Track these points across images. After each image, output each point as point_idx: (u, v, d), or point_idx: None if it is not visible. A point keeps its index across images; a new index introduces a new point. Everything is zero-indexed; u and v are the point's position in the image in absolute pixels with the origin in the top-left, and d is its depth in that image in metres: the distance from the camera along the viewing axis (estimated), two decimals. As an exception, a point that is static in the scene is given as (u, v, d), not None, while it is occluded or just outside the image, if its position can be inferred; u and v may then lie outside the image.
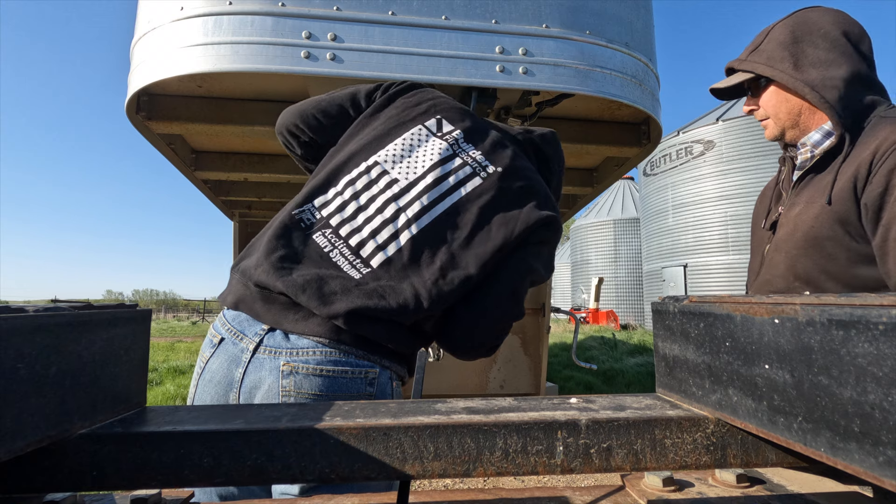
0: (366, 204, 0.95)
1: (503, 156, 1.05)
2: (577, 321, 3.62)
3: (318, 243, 0.91)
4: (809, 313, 0.32)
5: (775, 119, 1.22)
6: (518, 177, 1.03)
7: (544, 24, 1.81)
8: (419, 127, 1.06)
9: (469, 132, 1.07)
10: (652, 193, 15.12)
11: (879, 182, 0.98)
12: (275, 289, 0.85)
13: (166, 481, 0.41)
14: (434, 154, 1.02)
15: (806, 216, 1.11)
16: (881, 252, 1.00)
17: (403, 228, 0.92)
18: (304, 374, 0.81)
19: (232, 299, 0.91)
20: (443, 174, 0.99)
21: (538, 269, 1.02)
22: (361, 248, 0.91)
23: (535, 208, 0.99)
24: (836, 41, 1.13)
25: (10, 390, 0.34)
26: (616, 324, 16.77)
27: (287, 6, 1.67)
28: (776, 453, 0.43)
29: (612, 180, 2.85)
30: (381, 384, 0.86)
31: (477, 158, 1.03)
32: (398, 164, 1.00)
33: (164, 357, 9.10)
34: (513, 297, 0.98)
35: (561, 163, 1.24)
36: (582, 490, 0.53)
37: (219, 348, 0.88)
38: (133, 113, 1.92)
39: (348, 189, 0.97)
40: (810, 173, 1.17)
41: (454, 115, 1.10)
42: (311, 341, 0.83)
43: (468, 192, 0.98)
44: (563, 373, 7.07)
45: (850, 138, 1.08)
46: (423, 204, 0.95)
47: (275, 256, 0.87)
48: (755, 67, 1.20)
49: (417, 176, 0.98)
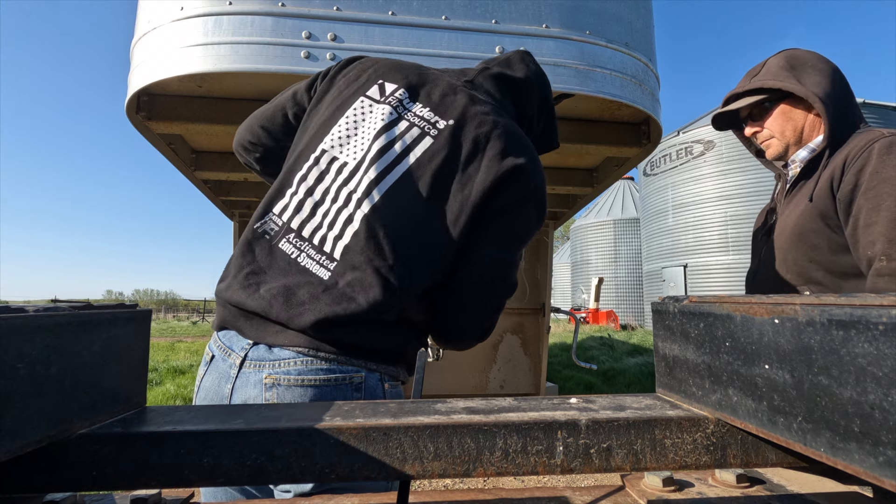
0: (321, 197, 0.89)
1: (455, 105, 0.93)
2: (577, 321, 3.62)
3: (285, 251, 0.87)
4: (809, 313, 0.32)
5: (780, 137, 1.35)
6: (474, 125, 0.90)
7: (544, 24, 1.81)
8: (360, 99, 0.95)
9: (414, 88, 0.96)
10: (652, 193, 15.13)
11: (850, 180, 1.15)
12: (246, 307, 0.83)
13: (166, 481, 0.41)
14: (377, 122, 0.91)
15: (793, 215, 1.28)
16: (853, 240, 1.15)
17: (356, 210, 0.85)
18: (287, 386, 0.78)
19: (218, 321, 0.90)
20: (388, 142, 0.89)
21: (524, 234, 0.91)
22: (324, 243, 0.86)
23: (497, 160, 0.86)
24: (825, 70, 1.30)
25: (10, 390, 0.34)
26: (616, 324, 16.76)
27: (287, 6, 1.67)
28: (776, 453, 0.43)
29: (612, 180, 2.85)
30: (369, 388, 0.83)
31: (425, 116, 0.91)
32: (345, 145, 0.91)
33: (164, 357, 9.10)
34: (498, 274, 0.90)
35: (541, 83, 1.08)
36: (582, 490, 0.53)
37: (210, 366, 0.88)
38: (133, 113, 1.92)
39: (302, 187, 0.91)
40: (798, 183, 1.34)
41: (396, 74, 0.98)
42: (292, 352, 0.80)
43: (419, 156, 0.88)
44: (563, 373, 7.07)
45: (829, 152, 1.25)
46: (371, 178, 0.86)
47: (242, 275, 0.85)
48: (765, 83, 1.32)
49: (364, 151, 0.89)
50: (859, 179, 1.14)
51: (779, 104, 1.33)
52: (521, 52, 1.09)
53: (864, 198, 1.12)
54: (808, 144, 1.32)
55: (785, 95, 1.32)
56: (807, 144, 1.32)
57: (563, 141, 2.31)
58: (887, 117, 12.41)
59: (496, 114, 0.93)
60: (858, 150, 1.16)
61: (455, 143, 0.88)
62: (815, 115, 1.30)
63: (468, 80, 1.02)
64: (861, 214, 1.12)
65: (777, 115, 1.34)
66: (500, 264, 0.91)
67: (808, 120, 1.31)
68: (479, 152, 0.88)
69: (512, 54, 1.09)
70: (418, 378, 0.78)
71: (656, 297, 1.02)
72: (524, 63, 1.07)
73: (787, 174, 1.40)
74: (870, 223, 1.10)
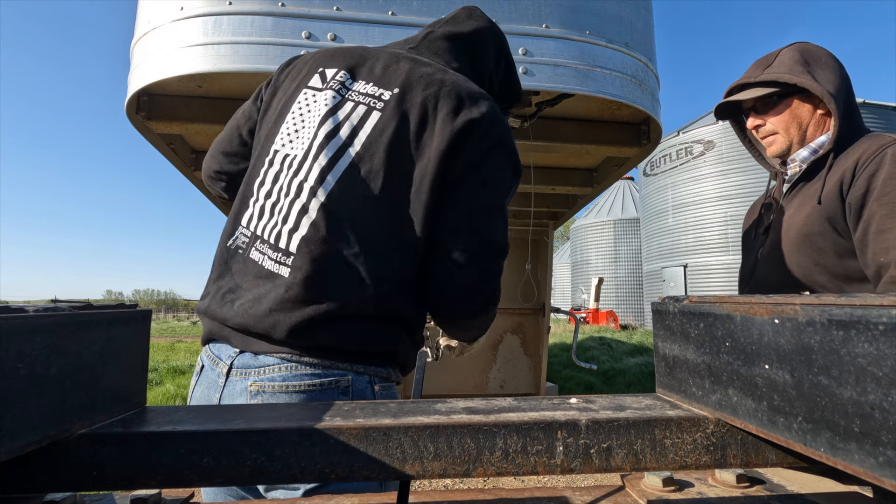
0: (276, 196, 0.86)
1: (398, 72, 0.88)
2: (577, 321, 3.62)
3: (255, 260, 0.84)
4: (809, 313, 0.32)
5: (785, 134, 1.32)
6: (420, 88, 0.85)
7: (544, 24, 1.81)
8: (303, 91, 0.92)
9: (354, 67, 0.92)
10: (652, 193, 15.12)
11: (861, 185, 1.13)
12: (228, 324, 0.82)
13: (166, 481, 0.41)
14: (322, 109, 0.88)
15: (798, 216, 1.25)
16: (861, 245, 1.13)
17: (310, 200, 0.81)
18: (272, 393, 0.77)
19: (205, 334, 0.89)
20: (334, 126, 0.85)
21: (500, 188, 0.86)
22: (279, 239, 0.82)
23: (449, 120, 0.82)
24: (837, 69, 1.26)
25: (10, 390, 0.34)
26: (616, 324, 16.77)
27: (287, 6, 1.67)
28: (776, 453, 0.43)
29: (612, 180, 2.85)
30: (357, 391, 0.80)
31: (369, 92, 0.88)
32: (294, 140, 0.88)
33: (164, 357, 9.10)
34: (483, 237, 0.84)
35: (494, 34, 1.03)
36: (582, 490, 0.53)
37: (201, 376, 0.87)
38: (133, 113, 1.92)
39: (261, 192, 0.88)
40: (799, 183, 1.31)
41: (336, 59, 0.95)
42: (276, 358, 0.78)
43: (369, 133, 0.84)
44: (563, 373, 7.07)
45: (834, 153, 1.23)
46: (322, 165, 0.83)
47: (220, 293, 0.85)
48: (781, 77, 1.27)
49: (311, 139, 0.86)
50: (871, 184, 1.11)
51: (788, 99, 1.29)
52: (469, 7, 1.03)
53: (877, 203, 1.09)
54: (809, 144, 1.29)
55: (796, 91, 1.27)
56: (808, 144, 1.29)
57: (563, 141, 2.31)
58: (887, 117, 12.41)
59: (442, 73, 0.89)
60: (870, 154, 1.14)
61: (403, 111, 0.84)
62: (821, 115, 1.27)
63: (412, 46, 0.97)
64: (874, 220, 1.10)
65: (784, 112, 1.30)
66: (481, 226, 0.84)
67: (813, 118, 1.28)
68: (430, 115, 0.83)
69: (458, 11, 1.03)
70: (418, 378, 0.78)
71: (656, 297, 1.00)
72: (472, 18, 1.02)
73: (784, 173, 1.38)
74: (883, 229, 1.08)
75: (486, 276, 0.87)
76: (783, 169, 1.39)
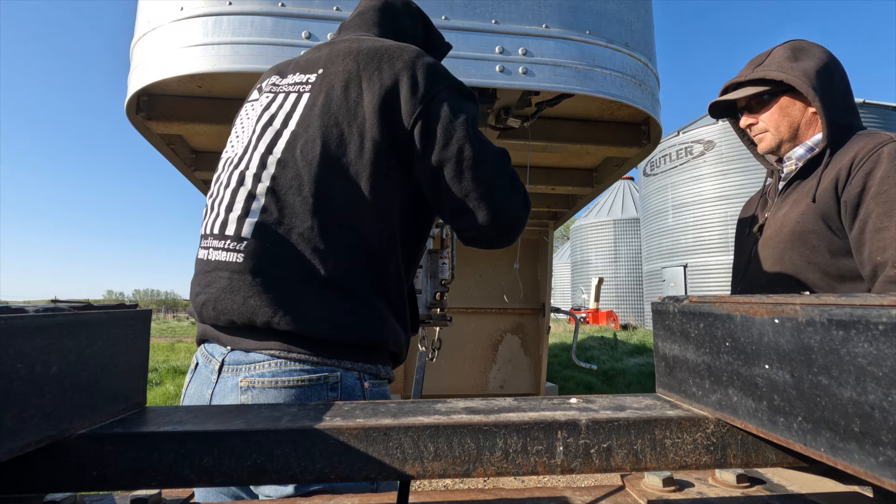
0: (217, 192, 0.90)
1: (319, 56, 0.93)
2: (577, 321, 3.62)
3: (201, 258, 0.88)
4: (809, 313, 0.32)
5: (775, 132, 1.32)
6: (339, 61, 0.89)
7: (544, 25, 1.81)
8: (244, 107, 1.00)
9: (282, 69, 0.99)
10: (652, 193, 15.13)
11: (858, 183, 1.13)
12: (215, 325, 0.85)
13: (166, 481, 0.41)
14: (258, 111, 0.94)
15: (793, 214, 1.24)
16: (857, 243, 1.12)
17: (256, 185, 0.84)
18: (261, 388, 0.78)
19: (199, 335, 0.92)
20: (269, 117, 0.90)
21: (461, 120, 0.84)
22: (225, 228, 0.84)
23: (376, 78, 0.84)
24: (821, 60, 1.26)
25: (10, 390, 0.34)
26: (616, 324, 16.77)
27: (287, 6, 1.67)
28: (776, 453, 0.43)
29: (612, 180, 2.85)
30: (346, 388, 0.80)
31: (297, 81, 0.93)
32: (235, 144, 0.94)
33: (164, 357, 9.10)
34: (467, 164, 0.83)
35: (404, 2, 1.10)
36: (582, 490, 0.53)
37: (195, 373, 0.89)
38: (133, 113, 1.92)
39: (214, 202, 0.91)
40: (794, 181, 1.30)
41: (270, 71, 1.02)
42: (265, 354, 0.80)
43: (301, 113, 0.87)
44: (563, 373, 7.07)
45: (829, 151, 1.22)
46: (262, 151, 0.86)
47: (199, 301, 0.86)
48: (768, 74, 1.28)
49: (249, 137, 0.91)
50: (868, 182, 1.11)
51: (778, 98, 1.30)
52: None
53: (874, 201, 1.09)
54: (805, 142, 1.29)
55: (787, 89, 1.28)
56: (804, 142, 1.29)
57: (563, 141, 2.32)
58: (887, 117, 12.41)
59: (358, 42, 0.92)
60: (867, 152, 1.14)
61: (328, 83, 0.87)
62: (813, 112, 1.27)
63: (333, 39, 1.04)
64: (870, 218, 1.09)
65: (774, 109, 1.31)
66: (463, 164, 0.84)
67: (805, 116, 1.28)
68: (354, 78, 0.86)
69: None
70: (418, 378, 0.78)
71: (656, 297, 1.00)
72: None
73: (780, 170, 1.38)
74: (880, 228, 1.07)
75: (493, 188, 0.86)
76: (779, 166, 1.38)
